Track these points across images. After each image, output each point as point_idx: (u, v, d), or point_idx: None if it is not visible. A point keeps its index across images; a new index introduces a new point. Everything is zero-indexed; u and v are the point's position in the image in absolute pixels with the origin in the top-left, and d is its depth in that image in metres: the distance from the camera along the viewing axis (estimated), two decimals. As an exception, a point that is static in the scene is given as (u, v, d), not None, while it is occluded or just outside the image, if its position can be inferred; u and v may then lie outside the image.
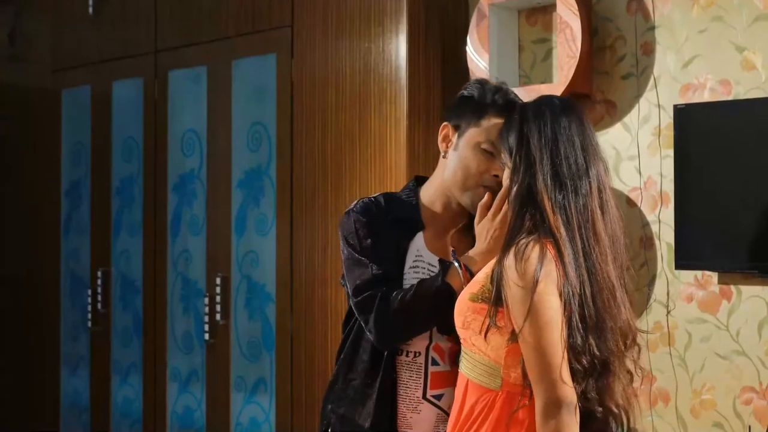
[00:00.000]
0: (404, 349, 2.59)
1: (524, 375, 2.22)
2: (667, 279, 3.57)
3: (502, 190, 2.45)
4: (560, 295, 2.17)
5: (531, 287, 2.14)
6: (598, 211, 2.25)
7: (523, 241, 2.19)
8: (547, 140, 2.26)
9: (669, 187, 3.54)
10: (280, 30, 4.31)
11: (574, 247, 2.19)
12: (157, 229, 4.90)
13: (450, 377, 2.56)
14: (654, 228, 3.61)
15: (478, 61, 3.88)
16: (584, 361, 2.18)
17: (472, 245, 2.55)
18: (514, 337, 2.20)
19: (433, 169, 2.72)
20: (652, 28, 3.64)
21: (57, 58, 5.51)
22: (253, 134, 4.43)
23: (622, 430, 2.27)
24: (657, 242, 3.60)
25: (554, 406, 2.13)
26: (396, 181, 3.81)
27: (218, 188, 4.59)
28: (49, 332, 5.52)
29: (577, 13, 3.62)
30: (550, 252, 2.18)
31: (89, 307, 5.24)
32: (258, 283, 4.41)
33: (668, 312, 3.57)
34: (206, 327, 4.58)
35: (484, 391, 2.26)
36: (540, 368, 2.15)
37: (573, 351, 2.17)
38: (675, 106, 3.47)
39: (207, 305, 4.58)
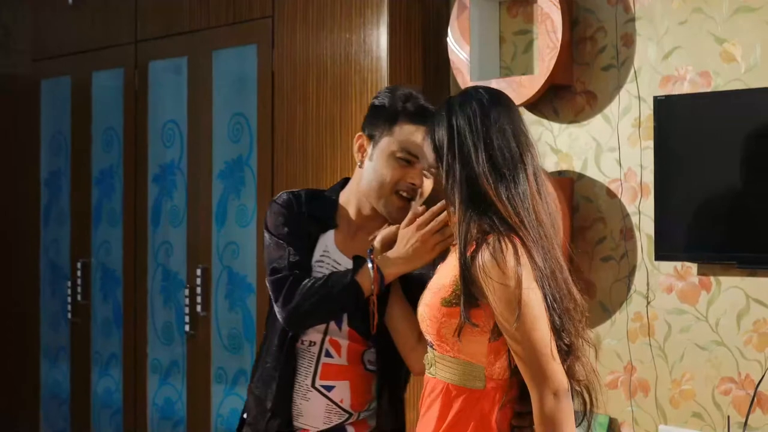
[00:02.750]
0: (300, 337, 2.64)
1: (511, 370, 2.24)
2: (646, 270, 3.59)
3: (438, 205, 2.47)
4: (538, 284, 2.19)
5: (516, 284, 2.14)
6: (537, 197, 2.26)
7: (492, 238, 2.18)
8: (478, 132, 2.25)
9: (649, 178, 3.55)
10: (260, 20, 4.30)
11: (532, 235, 2.21)
12: (138, 220, 4.89)
13: (345, 372, 2.61)
14: (634, 219, 3.62)
15: (459, 52, 3.88)
16: (565, 341, 2.22)
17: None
18: (495, 335, 2.21)
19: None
20: (633, 19, 3.64)
21: (37, 47, 5.48)
22: (233, 125, 4.42)
23: (585, 407, 2.29)
24: (637, 233, 3.61)
25: (553, 396, 2.16)
26: (377, 172, 3.80)
27: (199, 179, 4.58)
28: (29, 323, 5.50)
29: (558, 5, 3.62)
30: (519, 244, 2.19)
31: (69, 298, 5.23)
32: (239, 274, 4.41)
33: (648, 303, 3.59)
34: (187, 318, 4.58)
35: (468, 392, 2.26)
36: (535, 363, 2.16)
37: (556, 333, 2.20)
38: (655, 98, 3.47)
39: (188, 296, 4.57)
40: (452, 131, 2.28)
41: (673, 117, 3.44)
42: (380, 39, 3.87)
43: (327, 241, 2.65)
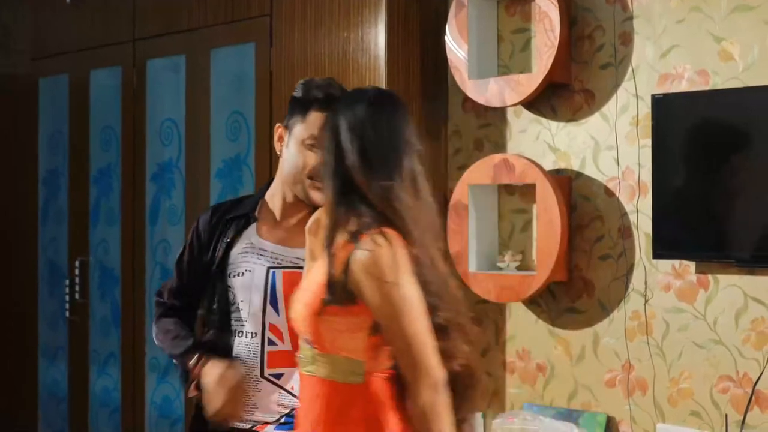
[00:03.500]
0: (242, 331, 2.76)
1: (391, 363, 2.28)
2: (644, 268, 3.59)
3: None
4: (416, 274, 2.22)
5: (394, 280, 2.18)
6: (413, 198, 2.29)
7: (368, 234, 2.21)
8: (354, 130, 2.30)
9: (647, 176, 3.55)
10: (258, 19, 4.29)
11: (410, 229, 2.24)
12: (136, 218, 4.89)
13: (291, 357, 2.67)
14: (632, 218, 3.62)
15: (457, 51, 3.88)
16: (441, 319, 2.25)
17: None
18: (374, 330, 2.25)
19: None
20: (631, 18, 3.64)
21: (35, 46, 5.47)
22: (231, 123, 4.42)
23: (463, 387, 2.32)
24: (635, 232, 3.61)
25: (434, 388, 2.19)
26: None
27: (197, 178, 4.58)
28: (28, 322, 5.50)
29: (556, 3, 3.62)
30: (394, 236, 2.21)
31: (67, 297, 5.22)
32: (237, 272, 4.40)
33: (646, 301, 3.59)
34: (185, 317, 4.57)
35: (349, 387, 2.28)
36: (413, 356, 2.20)
37: (432, 311, 2.24)
38: (653, 96, 3.47)
39: (186, 295, 4.56)
40: (333, 127, 2.34)
41: (671, 115, 3.44)
42: (378, 38, 3.87)
43: (249, 234, 2.81)
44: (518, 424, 3.58)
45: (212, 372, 2.66)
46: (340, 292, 2.22)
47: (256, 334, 2.71)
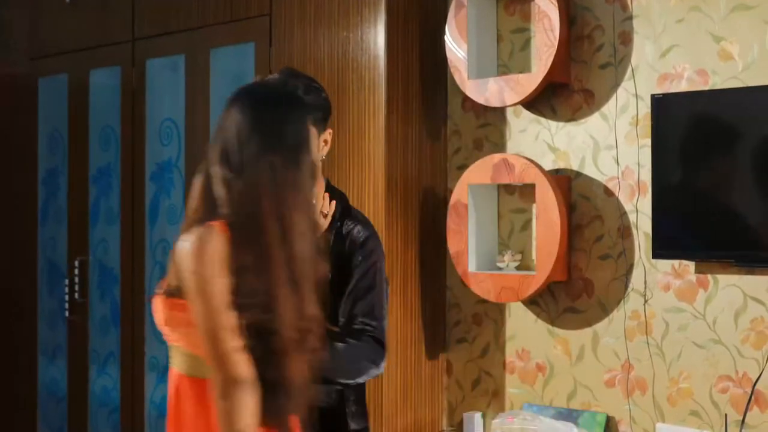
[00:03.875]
0: None
1: None
2: (644, 268, 3.59)
3: None
4: (233, 272, 2.18)
5: (201, 272, 2.16)
6: (269, 194, 2.25)
7: (195, 227, 2.22)
8: (222, 124, 2.35)
9: (646, 176, 3.55)
10: (258, 18, 4.29)
11: (242, 225, 2.21)
12: (135, 218, 4.88)
13: None
14: (631, 217, 3.62)
15: (457, 50, 3.88)
16: (247, 318, 2.19)
17: None
18: None
19: (411, 157, 2.73)
20: (630, 17, 3.64)
21: (34, 45, 5.47)
22: (231, 123, 4.41)
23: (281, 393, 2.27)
24: (634, 231, 3.61)
25: (229, 384, 2.14)
26: (374, 169, 3.80)
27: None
28: (27, 321, 5.50)
29: (555, 3, 3.62)
30: (221, 231, 2.19)
31: (67, 297, 5.22)
32: (236, 272, 4.40)
33: (645, 301, 3.59)
34: (184, 316, 4.57)
35: (199, 382, 2.27)
36: (214, 349, 2.16)
37: (241, 309, 2.18)
38: (652, 96, 3.47)
39: (185, 294, 4.56)
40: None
41: (671, 115, 3.44)
42: (377, 37, 3.87)
43: None
44: (518, 424, 3.58)
45: None
46: (174, 285, 2.24)
47: None
